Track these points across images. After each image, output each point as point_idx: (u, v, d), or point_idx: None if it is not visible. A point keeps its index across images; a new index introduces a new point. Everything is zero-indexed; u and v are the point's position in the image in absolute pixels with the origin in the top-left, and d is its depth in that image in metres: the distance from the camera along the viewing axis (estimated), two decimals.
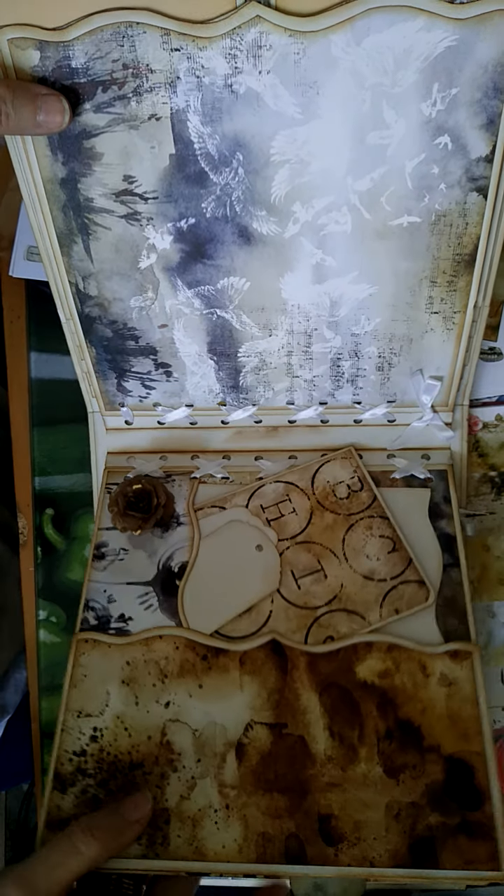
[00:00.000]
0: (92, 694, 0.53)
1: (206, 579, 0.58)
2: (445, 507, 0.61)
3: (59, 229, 0.53)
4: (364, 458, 0.62)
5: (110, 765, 0.51)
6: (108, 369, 0.61)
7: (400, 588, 0.57)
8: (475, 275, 0.54)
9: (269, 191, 0.50)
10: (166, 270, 0.55)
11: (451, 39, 0.44)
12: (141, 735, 0.52)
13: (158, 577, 0.59)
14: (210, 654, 0.55)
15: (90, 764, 0.51)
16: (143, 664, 0.54)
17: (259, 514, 0.61)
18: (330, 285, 0.55)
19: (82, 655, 0.55)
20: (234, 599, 0.57)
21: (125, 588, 0.58)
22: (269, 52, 0.45)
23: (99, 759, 0.51)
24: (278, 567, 0.58)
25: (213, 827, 0.49)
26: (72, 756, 0.51)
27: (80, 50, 0.45)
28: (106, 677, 0.54)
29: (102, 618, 0.57)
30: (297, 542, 0.59)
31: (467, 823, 0.48)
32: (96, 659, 0.55)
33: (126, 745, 0.52)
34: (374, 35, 0.44)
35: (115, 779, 0.51)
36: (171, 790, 0.50)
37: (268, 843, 0.48)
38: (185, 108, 0.47)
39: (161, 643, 0.55)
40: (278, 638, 0.55)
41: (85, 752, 0.52)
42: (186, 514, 0.61)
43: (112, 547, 0.60)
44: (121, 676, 0.54)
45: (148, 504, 0.60)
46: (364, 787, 0.50)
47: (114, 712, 0.53)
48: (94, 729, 0.52)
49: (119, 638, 0.55)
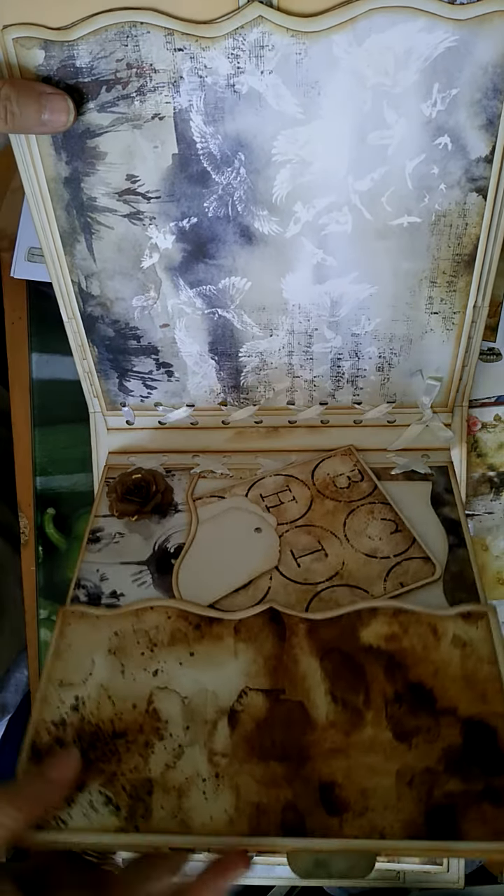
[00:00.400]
0: (76, 664, 0.50)
1: (203, 557, 0.57)
2: (447, 496, 0.60)
3: (62, 228, 0.53)
4: (364, 456, 0.63)
5: (91, 734, 0.47)
6: (110, 369, 0.61)
7: (404, 564, 0.55)
8: (475, 275, 0.54)
9: (271, 190, 0.51)
10: (168, 270, 0.55)
11: (451, 40, 0.45)
12: (125, 703, 0.48)
13: (153, 558, 0.57)
14: (203, 622, 0.52)
15: (69, 733, 0.47)
16: (132, 633, 0.51)
17: (258, 502, 0.60)
18: (330, 285, 0.55)
19: (68, 626, 0.52)
20: (231, 576, 0.55)
21: (118, 567, 0.56)
22: (272, 52, 0.45)
23: (79, 729, 0.47)
24: (277, 547, 0.57)
25: (201, 797, 0.44)
26: (50, 726, 0.47)
27: (84, 49, 0.46)
28: (92, 648, 0.51)
29: (93, 594, 0.55)
30: (297, 525, 0.58)
31: (493, 790, 0.43)
32: (83, 629, 0.52)
33: (109, 713, 0.48)
34: (375, 35, 0.45)
35: (94, 749, 0.46)
36: (156, 759, 0.45)
37: (262, 814, 0.43)
38: (188, 107, 0.48)
39: (152, 613, 0.52)
40: (276, 606, 0.52)
41: (65, 721, 0.47)
42: (185, 503, 0.61)
43: (108, 531, 0.59)
44: (108, 646, 0.51)
45: (147, 492, 0.60)
46: (371, 752, 0.45)
47: (97, 681, 0.49)
48: (75, 698, 0.48)
49: (108, 610, 0.53)
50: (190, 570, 0.56)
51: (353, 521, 0.58)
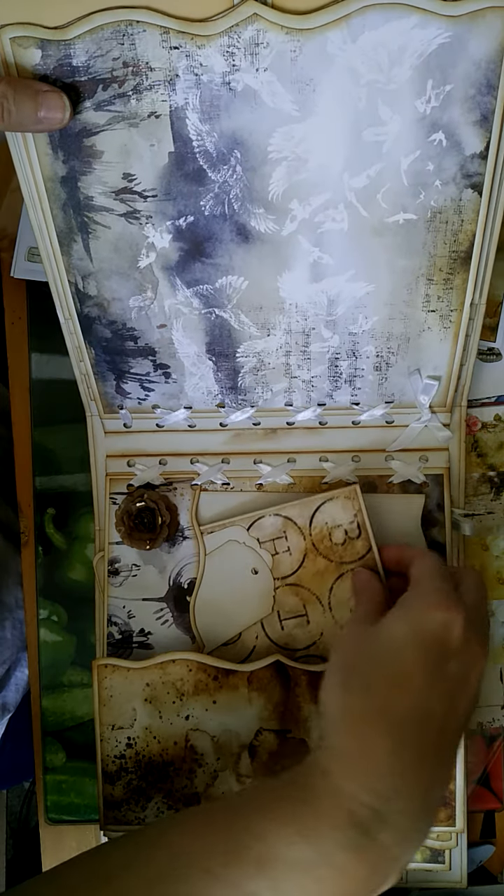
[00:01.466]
0: (120, 710, 0.61)
1: (210, 597, 0.62)
2: (438, 514, 0.62)
3: (58, 228, 0.54)
4: (362, 460, 0.63)
5: (146, 764, 0.61)
6: (107, 371, 0.61)
7: None
8: (471, 272, 0.54)
9: (267, 188, 0.51)
10: (165, 269, 0.55)
11: (444, 36, 0.45)
12: (168, 741, 0.61)
13: (171, 594, 0.63)
14: (220, 674, 0.60)
15: (130, 763, 0.61)
16: (162, 685, 0.61)
17: (255, 545, 0.62)
18: (327, 283, 0.55)
19: (105, 679, 0.61)
20: (229, 625, 0.62)
21: (142, 604, 0.63)
22: (266, 49, 0.46)
23: (136, 760, 0.61)
24: (272, 591, 0.62)
25: None
26: (114, 759, 0.61)
27: (80, 48, 0.46)
28: (130, 697, 0.61)
29: (125, 633, 0.63)
30: (287, 583, 0.61)
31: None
32: (118, 681, 0.61)
33: (157, 749, 0.61)
34: (369, 32, 0.45)
35: (152, 774, 0.61)
36: (199, 780, 0.60)
37: None
38: (184, 105, 0.48)
39: (175, 666, 0.61)
40: (282, 659, 0.60)
41: (124, 755, 0.61)
42: (190, 527, 0.63)
43: (124, 563, 0.63)
44: (143, 696, 0.61)
45: (153, 524, 0.62)
46: None
47: (142, 724, 0.61)
48: (127, 738, 0.61)
49: (135, 662, 0.61)
50: (201, 611, 0.63)
51: (339, 587, 0.61)
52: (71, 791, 0.68)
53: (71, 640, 0.67)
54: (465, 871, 0.62)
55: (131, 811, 0.61)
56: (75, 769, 0.68)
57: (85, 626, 0.67)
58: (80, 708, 0.67)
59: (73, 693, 0.68)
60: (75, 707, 0.68)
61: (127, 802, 0.61)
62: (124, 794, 0.61)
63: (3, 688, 0.72)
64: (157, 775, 0.61)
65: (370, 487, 0.62)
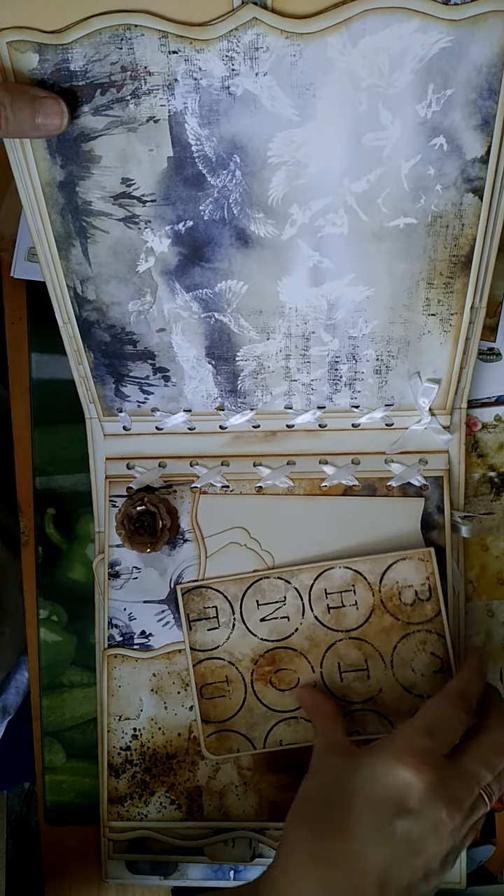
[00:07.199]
0: (128, 701, 0.63)
1: None
2: (438, 516, 0.62)
3: (57, 233, 0.53)
4: (362, 462, 0.62)
5: (151, 756, 0.63)
6: (106, 374, 0.61)
7: None
8: (472, 276, 0.54)
9: (267, 193, 0.51)
10: (164, 274, 0.55)
11: (445, 41, 0.45)
12: (172, 732, 0.63)
13: (172, 596, 0.63)
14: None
15: (135, 756, 0.63)
16: (167, 675, 0.63)
17: (322, 597, 0.61)
18: (327, 288, 0.55)
19: (114, 668, 0.63)
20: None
21: (143, 606, 0.64)
22: (266, 53, 0.45)
23: (141, 753, 0.63)
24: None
25: (235, 798, 0.62)
26: (119, 751, 0.63)
27: (78, 53, 0.46)
28: (138, 687, 0.63)
29: (126, 634, 0.63)
30: (351, 636, 0.61)
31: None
32: (127, 671, 0.63)
33: (161, 741, 0.63)
34: (370, 36, 0.45)
35: (156, 767, 0.63)
36: (201, 772, 0.62)
37: (277, 808, 0.62)
38: (183, 110, 0.48)
39: (180, 656, 0.63)
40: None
41: (129, 747, 0.63)
42: (191, 530, 0.63)
43: (125, 566, 0.64)
44: (150, 686, 0.63)
45: (154, 528, 0.62)
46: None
47: (147, 715, 0.63)
48: (133, 729, 0.63)
49: (143, 653, 0.63)
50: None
51: (403, 646, 0.60)
52: (71, 791, 0.68)
53: (71, 640, 0.68)
54: (465, 871, 0.62)
55: (134, 806, 0.63)
56: (75, 769, 0.68)
57: (85, 626, 0.67)
58: (80, 708, 0.68)
59: (72, 693, 0.68)
60: (75, 707, 0.68)
61: (130, 797, 0.62)
62: (128, 788, 0.62)
63: (4, 691, 0.73)
64: (160, 768, 0.62)
65: (369, 490, 0.62)
